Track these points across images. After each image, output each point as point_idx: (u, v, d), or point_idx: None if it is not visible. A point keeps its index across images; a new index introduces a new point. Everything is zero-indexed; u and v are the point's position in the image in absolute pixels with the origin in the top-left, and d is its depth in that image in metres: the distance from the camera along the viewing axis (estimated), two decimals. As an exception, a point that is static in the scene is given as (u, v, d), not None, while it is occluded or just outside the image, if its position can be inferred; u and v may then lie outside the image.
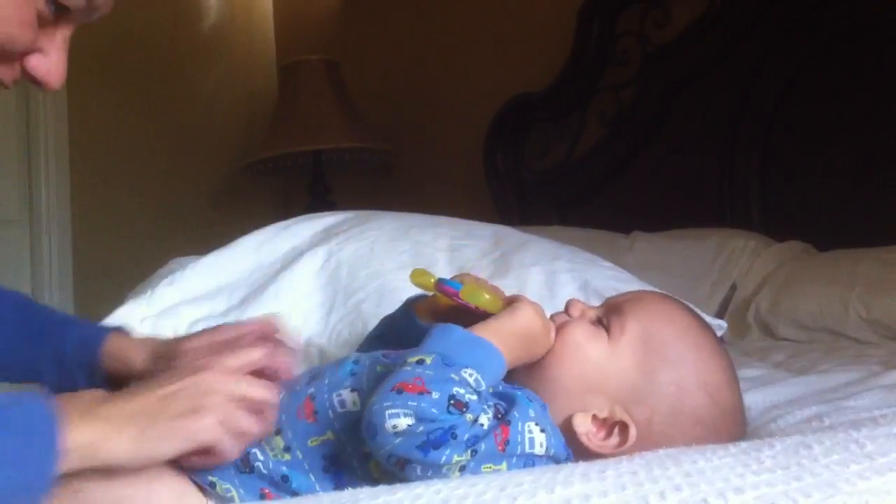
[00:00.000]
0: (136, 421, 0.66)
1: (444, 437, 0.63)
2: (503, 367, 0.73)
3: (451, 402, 0.65)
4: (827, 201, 2.15)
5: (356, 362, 0.78)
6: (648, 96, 2.49)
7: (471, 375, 0.67)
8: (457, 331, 0.72)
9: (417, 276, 0.85)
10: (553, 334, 0.77)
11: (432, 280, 0.84)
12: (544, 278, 1.29)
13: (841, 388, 1.07)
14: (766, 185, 2.29)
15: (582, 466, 0.61)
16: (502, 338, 0.73)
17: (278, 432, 0.73)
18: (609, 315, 0.79)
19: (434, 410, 0.64)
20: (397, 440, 0.63)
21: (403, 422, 0.63)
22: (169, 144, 3.18)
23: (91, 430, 0.64)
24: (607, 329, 0.78)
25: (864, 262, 1.79)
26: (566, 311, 0.81)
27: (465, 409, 0.65)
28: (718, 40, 2.37)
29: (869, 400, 0.95)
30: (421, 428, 0.63)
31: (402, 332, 0.88)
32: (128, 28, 3.05)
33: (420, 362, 0.67)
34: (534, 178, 2.72)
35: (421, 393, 0.64)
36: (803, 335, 1.77)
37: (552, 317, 0.80)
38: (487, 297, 0.80)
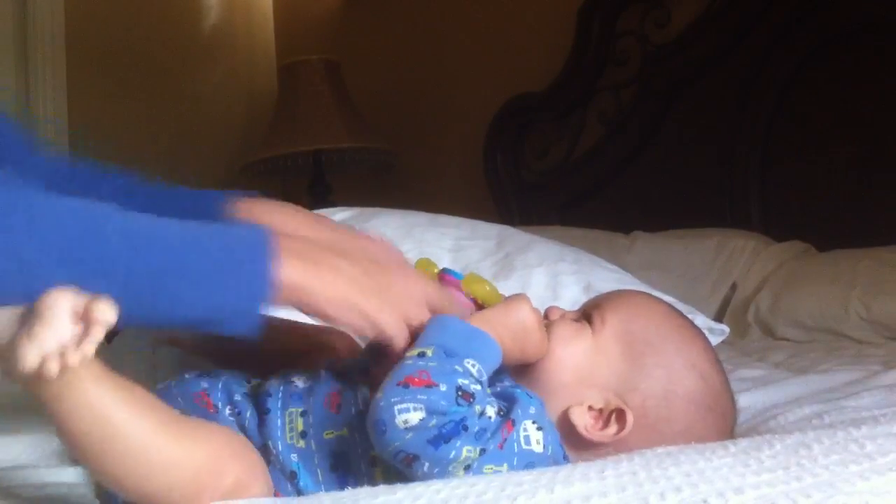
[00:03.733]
0: (352, 283, 0.68)
1: (455, 430, 0.63)
2: (499, 359, 0.72)
3: (459, 393, 0.64)
4: (827, 201, 2.15)
5: None
6: (648, 96, 2.49)
7: (473, 366, 0.68)
8: (453, 322, 0.72)
9: (421, 265, 0.84)
10: (548, 342, 0.77)
11: (436, 270, 0.83)
12: (548, 279, 1.30)
13: (841, 387, 1.07)
14: (766, 185, 2.29)
15: (582, 466, 0.61)
16: (496, 329, 0.73)
17: (303, 414, 0.73)
18: (589, 312, 0.81)
19: (444, 403, 0.63)
20: (408, 435, 0.63)
21: (415, 416, 0.63)
22: (169, 144, 3.17)
23: (304, 274, 0.65)
24: (590, 323, 0.79)
25: (864, 262, 1.79)
26: (546, 317, 0.81)
27: (472, 400, 0.65)
28: (718, 40, 2.37)
29: (869, 400, 0.95)
30: (433, 421, 0.63)
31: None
32: (127, 28, 3.05)
33: (421, 355, 0.67)
34: (534, 178, 2.72)
35: (429, 386, 0.64)
36: (803, 335, 1.77)
37: None
38: (488, 288, 0.80)
